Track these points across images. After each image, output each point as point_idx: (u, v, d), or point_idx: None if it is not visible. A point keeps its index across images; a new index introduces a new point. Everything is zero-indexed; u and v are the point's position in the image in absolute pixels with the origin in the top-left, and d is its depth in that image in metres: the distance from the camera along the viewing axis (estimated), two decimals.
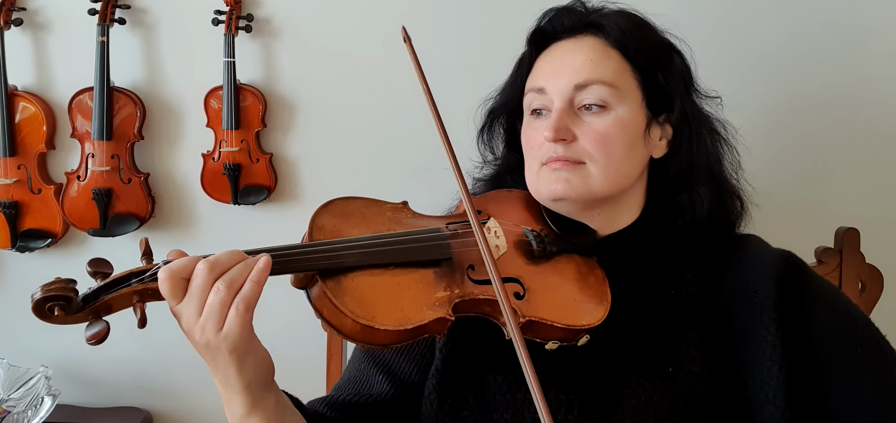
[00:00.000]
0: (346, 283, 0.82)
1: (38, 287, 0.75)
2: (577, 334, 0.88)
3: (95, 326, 0.76)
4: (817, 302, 0.95)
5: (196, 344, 0.79)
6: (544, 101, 0.99)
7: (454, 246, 0.90)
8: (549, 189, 0.97)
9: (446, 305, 0.83)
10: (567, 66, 0.97)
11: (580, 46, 0.99)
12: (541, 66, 1.02)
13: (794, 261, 0.98)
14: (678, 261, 1.00)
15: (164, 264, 0.78)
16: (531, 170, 1.01)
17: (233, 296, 0.76)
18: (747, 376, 0.91)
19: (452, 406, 0.95)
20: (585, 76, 0.96)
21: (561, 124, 0.95)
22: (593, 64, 0.96)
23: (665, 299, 0.97)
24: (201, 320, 0.76)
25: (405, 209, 0.97)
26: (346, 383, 1.05)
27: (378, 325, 0.80)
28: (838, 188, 1.61)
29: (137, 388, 1.78)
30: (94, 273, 0.79)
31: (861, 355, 0.92)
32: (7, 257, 1.74)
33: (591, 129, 0.95)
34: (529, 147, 1.01)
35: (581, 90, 0.96)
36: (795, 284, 0.95)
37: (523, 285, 0.89)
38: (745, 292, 0.95)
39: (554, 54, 1.01)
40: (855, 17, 1.55)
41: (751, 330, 0.92)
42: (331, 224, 0.90)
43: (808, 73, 1.57)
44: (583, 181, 0.95)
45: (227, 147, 1.64)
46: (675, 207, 1.01)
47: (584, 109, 0.96)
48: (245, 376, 0.81)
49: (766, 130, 1.55)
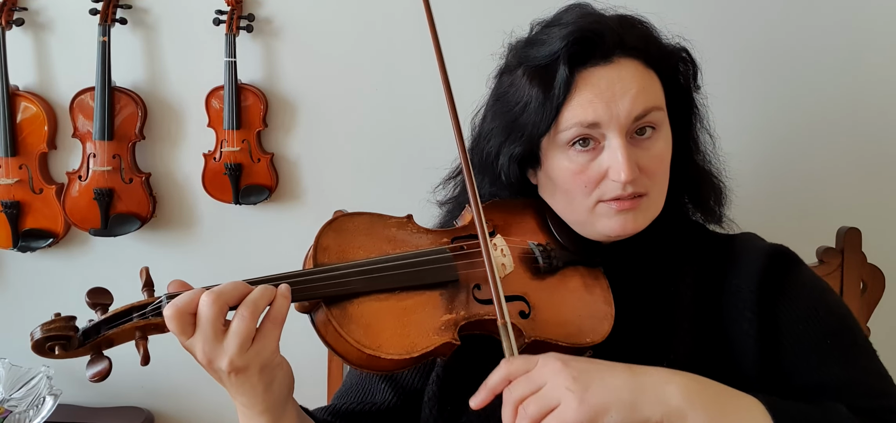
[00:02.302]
0: (351, 310, 0.81)
1: (38, 326, 0.73)
2: (581, 351, 0.87)
3: (97, 365, 0.74)
4: (795, 290, 0.94)
5: (219, 372, 0.77)
6: (595, 133, 0.91)
7: (460, 267, 0.88)
8: (614, 229, 0.93)
9: (452, 329, 0.82)
10: (622, 96, 0.90)
11: (625, 73, 0.91)
12: (586, 98, 0.91)
13: (784, 253, 0.97)
14: (678, 260, 1.00)
15: (166, 298, 0.76)
16: (580, 205, 0.94)
17: (256, 319, 0.75)
18: (736, 371, 0.91)
19: (452, 413, 0.94)
20: (643, 106, 0.90)
21: (632, 159, 0.90)
22: (645, 92, 0.91)
23: (663, 297, 0.97)
24: (225, 346, 0.75)
25: (410, 224, 0.95)
26: (347, 390, 1.04)
27: (384, 354, 0.79)
28: (840, 188, 1.61)
29: (139, 388, 1.78)
30: (94, 305, 0.77)
31: (831, 345, 0.91)
32: (8, 257, 1.74)
33: (651, 155, 0.92)
34: (578, 183, 0.93)
35: (639, 121, 0.91)
36: (778, 274, 0.94)
37: (529, 304, 0.88)
38: (733, 287, 0.95)
39: (599, 84, 0.91)
40: (857, 16, 1.55)
41: (736, 323, 0.93)
42: (336, 244, 0.87)
43: (809, 72, 1.57)
44: (645, 214, 0.93)
45: (229, 147, 1.64)
46: (676, 207, 1.02)
47: (635, 134, 0.92)
48: (273, 393, 0.80)
49: (767, 130, 1.55)
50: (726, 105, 1.08)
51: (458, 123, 0.91)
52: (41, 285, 1.74)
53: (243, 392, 0.79)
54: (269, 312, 0.77)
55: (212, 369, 0.77)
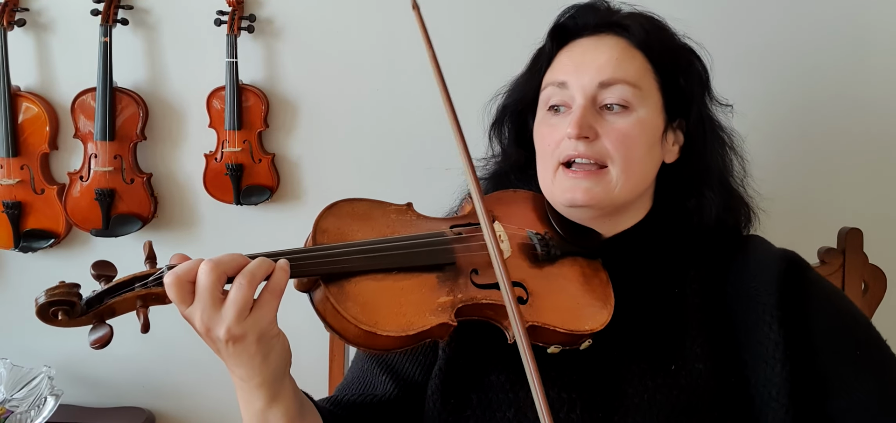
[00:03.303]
0: (349, 288, 0.82)
1: (42, 292, 0.75)
2: (580, 338, 0.88)
3: (99, 330, 0.75)
4: (819, 301, 0.95)
5: (217, 341, 0.77)
6: (564, 96, 0.97)
7: (458, 250, 0.89)
8: (566, 196, 0.96)
9: (449, 310, 0.83)
10: (591, 63, 0.96)
11: (604, 45, 0.98)
12: (562, 62, 1.00)
13: (797, 260, 0.98)
14: (682, 261, 1.00)
15: (168, 269, 0.77)
16: (546, 170, 0.99)
17: (253, 288, 0.76)
18: (750, 374, 0.91)
19: (455, 406, 0.95)
20: (610, 74, 0.95)
21: (584, 121, 0.93)
22: (618, 63, 0.95)
23: (669, 298, 0.97)
24: (222, 313, 0.75)
25: (409, 211, 0.96)
26: (349, 383, 1.05)
27: (380, 331, 0.80)
28: (841, 188, 1.61)
29: (140, 388, 1.78)
30: (98, 276, 0.78)
31: (861, 356, 0.92)
32: (10, 257, 1.74)
33: (614, 128, 0.94)
34: (545, 145, 0.99)
35: (605, 88, 0.95)
36: (797, 282, 0.95)
37: (527, 290, 0.89)
38: (748, 290, 0.95)
39: (576, 51, 0.99)
40: (858, 16, 1.55)
41: (754, 328, 0.93)
42: (335, 227, 0.89)
43: (810, 72, 1.57)
44: (604, 189, 0.94)
45: (230, 147, 1.65)
46: (682, 211, 1.01)
47: (605, 108, 0.95)
48: (270, 365, 0.80)
49: (768, 130, 1.55)
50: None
51: (451, 105, 0.91)
52: (42, 286, 1.69)
53: (240, 363, 0.79)
54: (267, 283, 0.78)
55: (210, 338, 0.78)
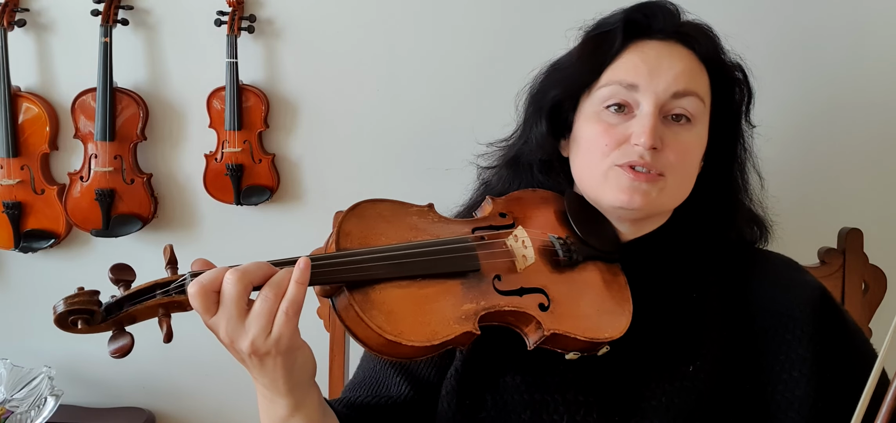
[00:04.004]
0: (373, 295, 0.80)
1: (61, 300, 0.73)
2: (598, 346, 0.88)
3: (120, 340, 0.74)
4: (849, 336, 0.96)
5: (240, 353, 0.76)
6: (629, 97, 0.94)
7: (481, 256, 0.88)
8: (622, 198, 0.92)
9: (473, 318, 0.82)
10: (667, 70, 0.93)
11: (676, 53, 0.95)
12: (632, 62, 0.95)
13: (830, 294, 0.99)
14: (701, 267, 1.00)
15: (191, 276, 0.75)
16: (595, 167, 0.95)
17: (279, 300, 0.75)
18: (766, 381, 0.92)
19: (470, 407, 0.94)
20: (684, 85, 0.92)
21: (658, 132, 0.91)
22: (691, 74, 0.94)
23: (687, 302, 0.97)
24: (246, 327, 0.74)
25: (431, 212, 0.95)
26: (360, 383, 1.03)
27: (405, 341, 0.78)
28: (841, 189, 1.60)
29: (140, 389, 1.78)
30: (117, 281, 0.77)
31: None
32: (10, 258, 1.74)
33: (678, 140, 0.93)
34: (601, 143, 0.94)
35: (678, 98, 0.92)
36: (833, 312, 0.96)
37: (548, 296, 0.88)
38: (779, 308, 0.95)
39: (649, 54, 0.95)
40: (859, 16, 1.55)
41: (781, 341, 0.93)
42: (358, 230, 0.87)
43: (810, 72, 1.57)
44: (659, 196, 0.93)
45: (230, 148, 1.65)
46: (704, 220, 1.02)
47: (671, 118, 0.93)
48: (295, 376, 0.80)
49: (768, 130, 1.55)
50: None
51: None
52: (42, 286, 1.74)
53: (264, 373, 0.78)
54: (286, 294, 0.76)
55: (234, 349, 0.77)
